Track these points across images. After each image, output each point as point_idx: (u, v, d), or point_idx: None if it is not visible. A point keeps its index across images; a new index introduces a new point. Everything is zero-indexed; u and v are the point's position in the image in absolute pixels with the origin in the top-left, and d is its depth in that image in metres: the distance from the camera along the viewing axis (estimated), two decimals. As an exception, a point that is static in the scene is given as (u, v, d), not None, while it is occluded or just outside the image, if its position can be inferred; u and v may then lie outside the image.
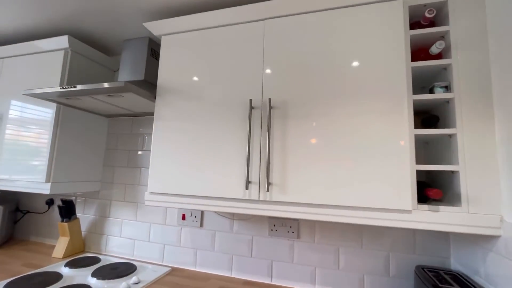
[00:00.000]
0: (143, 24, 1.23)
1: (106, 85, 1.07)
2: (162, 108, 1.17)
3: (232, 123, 1.05)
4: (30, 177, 1.37)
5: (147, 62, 1.45)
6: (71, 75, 1.45)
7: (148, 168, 1.57)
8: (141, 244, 1.51)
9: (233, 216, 1.37)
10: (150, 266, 1.39)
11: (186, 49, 1.18)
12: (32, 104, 1.44)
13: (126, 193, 1.59)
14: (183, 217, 1.44)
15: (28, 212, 1.81)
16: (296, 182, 0.93)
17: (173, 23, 1.20)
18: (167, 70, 1.20)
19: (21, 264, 1.36)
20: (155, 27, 1.23)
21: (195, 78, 1.14)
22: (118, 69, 1.72)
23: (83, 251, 1.60)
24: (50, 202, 1.75)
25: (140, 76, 1.42)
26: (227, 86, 1.09)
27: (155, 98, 1.22)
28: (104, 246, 1.59)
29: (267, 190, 0.95)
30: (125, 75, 1.42)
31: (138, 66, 1.45)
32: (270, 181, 0.96)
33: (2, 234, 1.63)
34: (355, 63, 0.93)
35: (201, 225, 1.41)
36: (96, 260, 1.44)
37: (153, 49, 1.52)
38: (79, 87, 1.11)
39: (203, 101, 1.11)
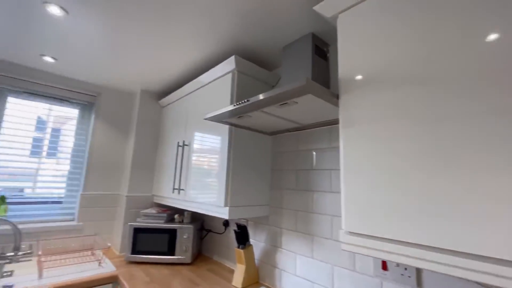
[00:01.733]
0: (313, 8, 0.96)
1: (283, 88, 0.84)
2: (352, 109, 0.82)
3: (504, 111, 0.53)
4: (211, 201, 1.39)
5: (313, 62, 1.19)
6: (238, 96, 1.41)
7: (322, 191, 1.25)
8: (323, 291, 1.18)
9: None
10: (341, 328, 1.02)
11: (382, 18, 0.79)
12: (210, 133, 1.51)
13: (297, 222, 1.34)
14: (384, 266, 0.99)
15: (210, 231, 1.96)
16: None
17: (357, -12, 0.85)
18: (352, 56, 0.85)
19: (209, 290, 1.36)
20: (328, 6, 0.93)
21: (406, 53, 0.72)
22: (277, 82, 1.60)
23: (257, 283, 1.46)
24: (226, 223, 1.81)
25: (308, 79, 1.17)
26: (478, 46, 0.59)
27: (337, 98, 0.90)
28: (279, 281, 1.38)
29: None
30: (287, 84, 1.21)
31: (303, 69, 1.22)
32: None
33: (194, 250, 1.79)
34: None
35: (419, 284, 0.90)
36: (274, 300, 1.23)
37: (318, 46, 1.26)
38: (252, 100, 0.96)
39: (427, 84, 0.66)
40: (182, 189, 1.68)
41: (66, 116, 2.07)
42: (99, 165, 2.08)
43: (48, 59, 1.67)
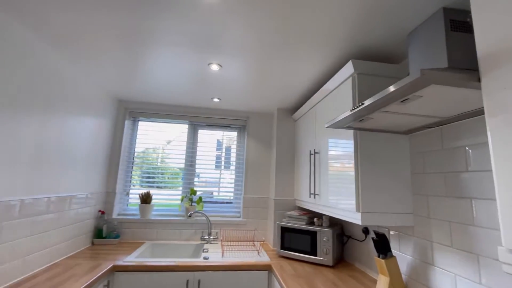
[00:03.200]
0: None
1: (394, 87, 0.79)
2: (499, 92, 0.64)
3: None
4: (344, 206, 1.42)
5: (448, 42, 1.00)
6: (361, 99, 1.38)
7: (485, 199, 0.97)
8: (502, 331, 0.89)
9: None
10: None
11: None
12: (336, 139, 1.55)
13: (453, 235, 1.10)
14: None
15: (350, 237, 1.93)
16: None
17: None
18: (491, 26, 0.67)
19: (349, 295, 1.37)
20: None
21: None
22: (408, 73, 1.41)
23: (407, 301, 1.30)
24: (365, 231, 1.73)
25: (441, 64, 0.99)
26: None
27: (478, 81, 0.72)
28: (434, 305, 1.17)
29: None
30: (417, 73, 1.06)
31: (435, 52, 1.04)
32: None
33: (334, 254, 1.84)
34: None
35: None
36: (426, 324, 1.07)
37: (454, 21, 1.03)
38: (366, 102, 0.95)
39: None
40: (317, 194, 1.80)
41: (232, 138, 2.77)
42: (253, 173, 2.61)
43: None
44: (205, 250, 2.08)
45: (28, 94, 1.38)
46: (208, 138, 2.69)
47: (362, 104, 0.98)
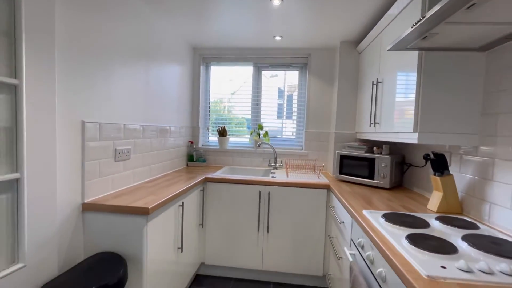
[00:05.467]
0: None
1: (455, -9, 0.80)
2: None
3: None
4: (401, 128, 1.49)
5: None
6: (432, 15, 1.30)
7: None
8: (549, 229, 0.96)
9: None
10: None
11: None
12: (400, 65, 1.52)
13: (517, 149, 1.10)
14: None
15: (411, 165, 2.00)
16: None
17: None
18: None
19: (400, 205, 1.54)
20: None
21: None
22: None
23: (459, 213, 1.40)
24: (426, 157, 1.77)
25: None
26: None
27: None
28: (487, 215, 1.25)
29: None
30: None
31: None
32: None
33: (392, 179, 1.96)
34: None
35: None
36: (472, 226, 1.19)
37: None
38: (427, 15, 0.96)
39: None
40: (377, 123, 1.87)
41: (293, 86, 2.89)
42: (314, 110, 2.75)
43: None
44: (272, 173, 2.47)
45: (136, 45, 1.79)
46: (271, 82, 2.88)
47: (423, 17, 0.99)
